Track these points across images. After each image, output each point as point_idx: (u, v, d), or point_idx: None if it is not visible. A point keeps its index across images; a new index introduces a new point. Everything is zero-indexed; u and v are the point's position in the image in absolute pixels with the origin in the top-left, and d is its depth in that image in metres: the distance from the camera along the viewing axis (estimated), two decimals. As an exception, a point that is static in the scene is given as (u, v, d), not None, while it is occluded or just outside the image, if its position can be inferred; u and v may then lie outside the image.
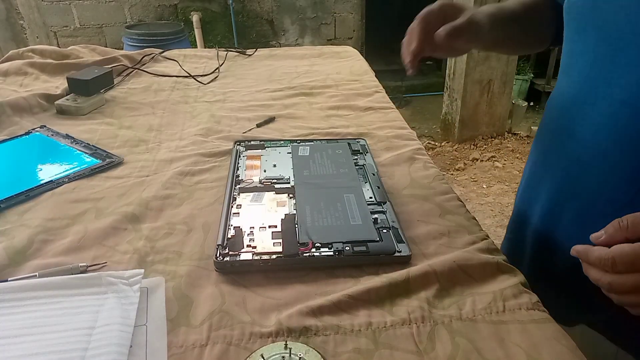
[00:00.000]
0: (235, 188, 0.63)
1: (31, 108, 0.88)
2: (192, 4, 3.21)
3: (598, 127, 0.53)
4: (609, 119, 0.52)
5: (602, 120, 0.53)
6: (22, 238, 0.54)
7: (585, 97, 0.55)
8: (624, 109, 0.50)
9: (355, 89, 1.02)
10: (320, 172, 0.67)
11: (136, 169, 0.70)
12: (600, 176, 0.53)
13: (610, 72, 0.52)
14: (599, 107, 0.53)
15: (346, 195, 0.61)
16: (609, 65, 0.52)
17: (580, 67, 0.57)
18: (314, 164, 0.69)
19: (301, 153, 0.72)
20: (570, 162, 0.58)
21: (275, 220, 0.56)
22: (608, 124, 0.52)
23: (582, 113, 0.55)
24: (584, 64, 0.56)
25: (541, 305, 0.46)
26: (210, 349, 0.41)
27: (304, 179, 0.65)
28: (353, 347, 0.42)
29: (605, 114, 0.52)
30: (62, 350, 0.40)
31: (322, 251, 0.51)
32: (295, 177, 0.66)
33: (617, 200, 0.52)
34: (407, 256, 0.51)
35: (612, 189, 0.53)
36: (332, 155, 0.72)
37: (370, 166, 0.69)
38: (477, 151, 2.75)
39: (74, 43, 1.30)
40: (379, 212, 0.58)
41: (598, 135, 0.53)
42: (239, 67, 1.17)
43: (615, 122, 0.51)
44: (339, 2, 3.37)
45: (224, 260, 0.50)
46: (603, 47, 0.53)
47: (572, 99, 0.58)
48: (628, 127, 0.50)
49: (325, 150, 0.73)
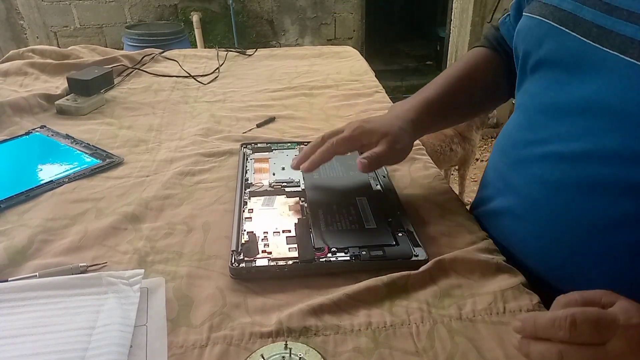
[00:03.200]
0: (246, 192, 0.62)
1: (31, 108, 0.88)
2: (192, 4, 3.21)
3: (532, 178, 0.50)
4: (544, 171, 0.49)
5: (537, 172, 0.49)
6: (22, 238, 0.54)
7: (524, 143, 0.52)
8: (559, 163, 0.47)
9: (355, 89, 1.02)
10: (330, 175, 0.66)
11: (136, 169, 0.70)
12: (534, 234, 0.50)
13: (552, 118, 0.49)
14: (536, 157, 0.50)
15: (358, 198, 0.61)
16: (553, 112, 0.49)
17: (527, 109, 0.54)
18: (323, 167, 0.68)
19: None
20: (504, 212, 0.55)
21: (288, 225, 0.56)
22: (542, 177, 0.49)
23: (520, 161, 0.52)
24: (531, 107, 0.53)
25: (542, 306, 0.46)
26: (211, 349, 0.41)
27: (314, 182, 0.65)
28: (353, 347, 0.42)
29: (540, 166, 0.49)
30: (62, 350, 0.40)
31: (339, 256, 0.51)
32: (305, 180, 0.65)
33: (552, 263, 0.49)
34: (424, 260, 0.50)
35: (544, 249, 0.49)
36: (341, 157, 0.71)
37: (381, 168, 0.68)
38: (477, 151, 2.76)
39: (74, 43, 1.30)
40: (393, 216, 0.58)
41: (532, 188, 0.50)
42: (239, 67, 1.17)
43: (550, 176, 0.48)
44: (339, 2, 3.36)
45: (239, 267, 0.49)
46: (551, 91, 0.50)
47: (514, 143, 0.54)
48: (561, 184, 0.47)
49: None
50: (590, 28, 0.46)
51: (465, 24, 2.66)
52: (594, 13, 0.46)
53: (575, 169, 0.46)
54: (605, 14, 0.45)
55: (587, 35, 0.46)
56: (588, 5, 0.47)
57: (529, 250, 0.51)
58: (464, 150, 2.10)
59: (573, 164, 0.46)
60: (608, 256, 0.45)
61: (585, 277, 0.47)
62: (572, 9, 0.48)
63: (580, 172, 0.45)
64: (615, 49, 0.43)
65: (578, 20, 0.47)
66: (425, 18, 4.27)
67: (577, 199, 0.46)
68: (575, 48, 0.47)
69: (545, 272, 0.50)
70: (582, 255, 0.47)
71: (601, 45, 0.45)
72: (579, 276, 0.47)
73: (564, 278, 0.48)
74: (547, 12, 0.51)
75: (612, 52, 0.44)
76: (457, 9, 2.73)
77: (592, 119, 0.45)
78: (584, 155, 0.45)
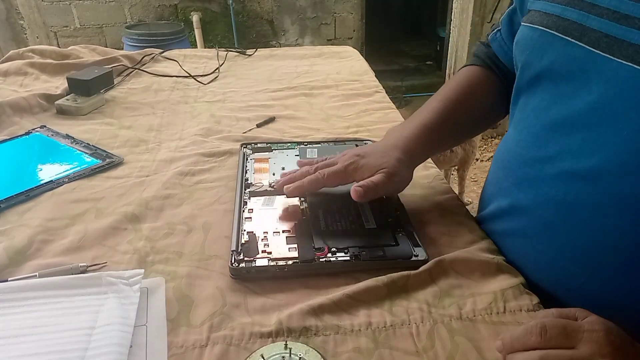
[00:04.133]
0: (245, 192, 0.62)
1: (31, 108, 0.88)
2: (192, 4, 3.21)
3: (545, 198, 0.47)
4: (557, 191, 0.46)
5: (550, 192, 0.47)
6: (22, 238, 0.54)
7: (532, 161, 0.49)
8: (574, 182, 0.45)
9: (355, 89, 1.02)
10: None
11: (136, 169, 0.70)
12: (548, 255, 0.48)
13: (560, 133, 0.46)
14: (547, 176, 0.47)
15: None
16: (561, 127, 0.46)
17: (531, 124, 0.51)
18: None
19: (309, 155, 0.72)
20: (513, 232, 0.52)
21: (288, 225, 0.56)
22: (556, 197, 0.46)
23: (528, 180, 0.50)
24: (536, 122, 0.50)
25: (542, 306, 0.46)
26: (210, 349, 0.41)
27: None
28: (353, 347, 0.42)
29: (553, 185, 0.47)
30: (62, 350, 0.40)
31: (339, 256, 0.51)
32: None
33: (566, 285, 0.47)
34: (424, 260, 0.50)
35: (561, 272, 0.47)
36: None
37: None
38: (477, 151, 2.76)
39: (74, 43, 1.30)
40: (393, 215, 0.58)
41: (545, 209, 0.48)
42: (239, 67, 1.17)
43: (564, 196, 0.45)
44: (339, 2, 3.37)
45: (239, 267, 0.49)
46: (557, 105, 0.47)
47: (519, 161, 0.52)
48: (578, 204, 0.44)
49: (333, 152, 0.72)
50: (599, 38, 0.43)
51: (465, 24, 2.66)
52: (602, 22, 0.43)
53: (591, 188, 0.43)
54: (615, 22, 0.43)
55: (596, 45, 0.44)
56: (595, 14, 0.44)
57: (543, 272, 0.49)
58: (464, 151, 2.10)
59: (589, 182, 0.43)
60: (631, 276, 0.43)
61: (606, 298, 0.45)
62: (577, 18, 0.46)
63: (597, 190, 0.43)
64: (627, 59, 0.41)
65: (585, 30, 0.45)
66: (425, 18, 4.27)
67: (596, 219, 0.43)
68: (582, 58, 0.45)
69: (562, 294, 0.48)
70: (603, 277, 0.45)
71: (612, 55, 0.42)
72: (599, 297, 0.45)
73: (582, 299, 0.46)
74: (550, 22, 0.48)
75: (624, 62, 0.41)
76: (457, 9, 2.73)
77: (605, 133, 0.43)
78: (600, 172, 0.43)
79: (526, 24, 0.52)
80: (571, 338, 0.37)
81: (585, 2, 0.45)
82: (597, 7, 0.44)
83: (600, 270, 0.45)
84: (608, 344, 0.37)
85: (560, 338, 0.37)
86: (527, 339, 0.38)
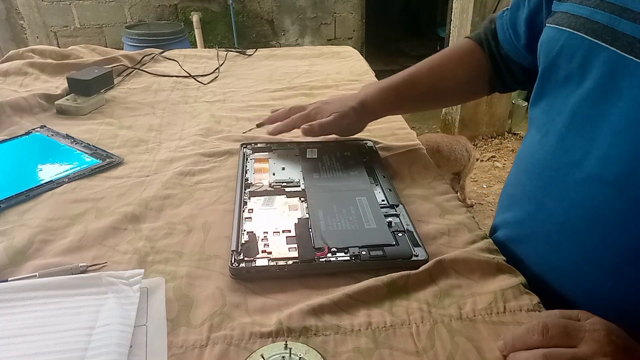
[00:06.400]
0: (245, 192, 0.62)
1: (31, 108, 0.88)
2: (192, 4, 3.21)
3: (571, 203, 0.47)
4: (583, 196, 0.46)
5: (577, 197, 0.46)
6: (22, 238, 0.54)
7: (558, 165, 0.49)
8: (601, 187, 0.44)
9: (356, 89, 1.02)
10: (330, 175, 0.66)
11: (136, 169, 0.70)
12: (573, 261, 0.48)
13: (590, 140, 0.45)
14: (574, 180, 0.47)
15: (358, 198, 0.60)
16: (589, 131, 0.45)
17: (557, 127, 0.50)
18: (324, 167, 0.68)
19: (309, 155, 0.72)
20: (537, 238, 0.52)
21: (288, 225, 0.55)
22: (583, 202, 0.46)
23: (554, 184, 0.49)
24: (561, 125, 0.49)
25: (542, 307, 0.46)
26: (210, 349, 0.41)
27: (314, 182, 0.65)
28: (353, 347, 0.42)
29: (579, 190, 0.46)
30: (62, 350, 0.40)
31: (339, 256, 0.51)
32: (305, 180, 0.65)
33: (590, 291, 0.47)
34: (424, 260, 0.50)
35: (585, 277, 0.47)
36: (341, 157, 0.71)
37: (380, 168, 0.68)
38: (477, 151, 2.75)
39: (74, 43, 1.30)
40: (393, 215, 0.58)
41: (571, 214, 0.47)
42: (239, 67, 1.17)
43: (591, 202, 0.45)
44: (339, 2, 3.37)
45: (239, 267, 0.49)
46: (584, 108, 0.46)
47: (544, 164, 0.51)
48: (604, 209, 0.44)
49: (334, 152, 0.72)
50: (632, 43, 0.42)
51: (465, 24, 2.66)
52: (634, 27, 0.42)
53: (618, 193, 0.43)
54: None
55: (629, 50, 0.42)
56: (626, 19, 0.43)
57: (567, 278, 0.49)
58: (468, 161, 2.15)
59: (615, 188, 0.43)
60: None
61: (631, 304, 0.45)
62: (607, 21, 0.44)
63: (624, 196, 0.42)
64: None
65: (617, 34, 0.43)
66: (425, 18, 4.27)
67: (622, 225, 0.43)
68: (614, 63, 0.43)
69: (586, 300, 0.47)
70: (629, 283, 0.44)
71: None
72: (625, 303, 0.45)
73: (607, 305, 0.46)
74: (578, 24, 0.47)
75: None
76: (457, 9, 2.73)
77: (633, 139, 0.42)
78: (627, 177, 0.42)
79: (552, 25, 0.51)
80: (573, 337, 0.38)
81: (616, 5, 0.44)
82: (629, 12, 0.43)
83: (626, 276, 0.44)
84: (609, 343, 0.37)
85: (562, 337, 0.38)
86: (529, 338, 0.38)
